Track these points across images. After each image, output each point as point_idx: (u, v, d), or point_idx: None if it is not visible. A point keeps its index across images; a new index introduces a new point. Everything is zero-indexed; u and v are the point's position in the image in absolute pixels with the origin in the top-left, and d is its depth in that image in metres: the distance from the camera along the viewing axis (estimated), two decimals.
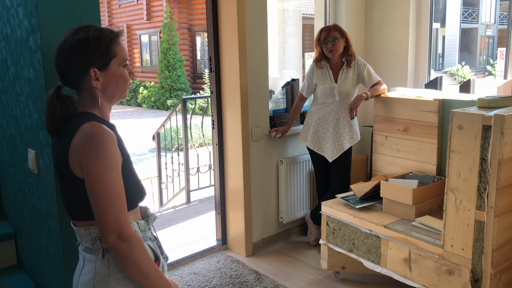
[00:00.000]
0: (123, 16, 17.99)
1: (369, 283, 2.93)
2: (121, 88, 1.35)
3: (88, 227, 1.28)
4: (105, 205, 1.18)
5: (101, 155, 1.19)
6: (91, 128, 1.23)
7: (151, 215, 1.43)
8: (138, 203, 1.38)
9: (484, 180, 2.01)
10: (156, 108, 15.32)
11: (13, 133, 2.27)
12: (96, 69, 1.29)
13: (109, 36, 1.32)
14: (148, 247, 1.35)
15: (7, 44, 2.13)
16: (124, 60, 1.35)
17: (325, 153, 3.17)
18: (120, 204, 1.20)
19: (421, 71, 3.71)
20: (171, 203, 5.07)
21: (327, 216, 2.83)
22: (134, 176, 1.35)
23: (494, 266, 2.05)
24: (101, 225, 1.19)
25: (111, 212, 1.19)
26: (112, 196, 1.19)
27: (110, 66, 1.31)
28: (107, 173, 1.19)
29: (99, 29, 1.32)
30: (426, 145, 2.80)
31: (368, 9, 3.87)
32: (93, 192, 1.19)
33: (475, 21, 20.95)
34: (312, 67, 3.22)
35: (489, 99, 2.15)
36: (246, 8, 3.06)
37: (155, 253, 1.38)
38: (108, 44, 1.30)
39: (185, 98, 4.83)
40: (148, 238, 1.38)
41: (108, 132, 1.24)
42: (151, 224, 1.41)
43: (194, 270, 3.16)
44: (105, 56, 1.30)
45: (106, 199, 1.18)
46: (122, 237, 1.20)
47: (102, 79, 1.31)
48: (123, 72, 1.35)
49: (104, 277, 1.26)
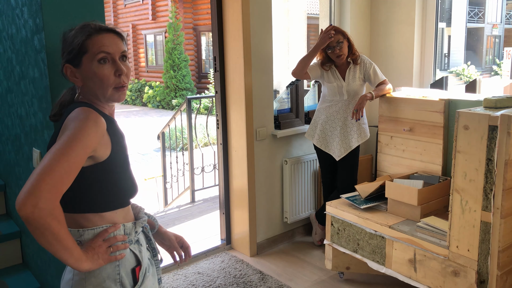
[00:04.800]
0: (128, 16, 18.05)
1: (373, 284, 2.91)
2: (99, 86, 1.26)
3: (70, 229, 1.25)
4: (45, 170, 1.07)
5: (76, 131, 1.15)
6: (81, 110, 1.21)
7: (141, 218, 1.39)
8: (128, 199, 1.35)
9: (490, 180, 1.99)
10: (161, 108, 15.36)
11: (18, 132, 2.28)
12: (70, 65, 1.26)
13: (82, 30, 1.25)
14: (129, 251, 1.31)
15: (12, 43, 2.14)
16: (95, 54, 1.24)
17: (332, 151, 3.15)
18: (60, 179, 1.09)
19: (426, 71, 3.69)
20: (175, 202, 5.08)
21: (332, 216, 2.82)
22: (125, 172, 1.32)
23: (500, 267, 2.03)
24: (27, 187, 1.06)
25: (47, 180, 1.07)
26: (58, 167, 1.09)
27: (83, 62, 1.25)
28: (70, 148, 1.11)
29: (79, 25, 1.27)
30: (431, 145, 2.78)
31: (374, 9, 3.85)
32: (45, 156, 1.12)
33: (481, 20, 20.85)
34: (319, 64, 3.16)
35: (496, 99, 2.13)
36: (251, 8, 3.06)
37: (137, 258, 1.33)
38: (76, 39, 1.24)
39: (190, 98, 4.83)
40: (132, 241, 1.33)
41: (95, 117, 1.19)
42: (138, 227, 1.37)
43: (199, 270, 3.16)
44: (74, 52, 1.25)
45: (50, 166, 1.08)
46: (40, 207, 1.06)
47: (79, 76, 1.27)
48: (97, 69, 1.25)
49: (81, 279, 1.24)
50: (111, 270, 1.27)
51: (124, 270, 1.29)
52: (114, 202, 1.30)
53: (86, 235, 1.25)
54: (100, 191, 1.26)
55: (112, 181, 1.27)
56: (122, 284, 1.28)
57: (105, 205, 1.28)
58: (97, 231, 1.26)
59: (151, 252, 1.45)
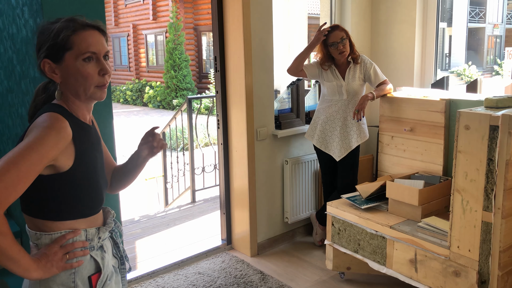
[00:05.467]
0: (129, 16, 18.06)
1: (374, 284, 2.91)
2: (81, 84, 1.21)
3: (29, 230, 1.23)
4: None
5: (35, 139, 1.09)
6: (47, 116, 1.15)
7: (108, 223, 1.34)
8: (92, 211, 1.29)
9: (491, 181, 1.99)
10: (161, 108, 15.37)
11: (19, 132, 2.28)
12: (49, 60, 1.20)
13: (67, 25, 1.19)
14: (90, 258, 1.26)
15: (12, 43, 2.14)
16: (82, 53, 1.19)
17: (332, 152, 3.15)
18: (4, 191, 1.04)
19: (427, 71, 3.68)
20: (176, 202, 5.08)
21: (333, 216, 2.81)
22: (90, 183, 1.27)
23: (501, 267, 2.03)
24: None
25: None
26: (5, 178, 1.04)
27: (65, 58, 1.19)
28: (23, 157, 1.06)
29: (64, 19, 1.21)
30: (432, 145, 2.78)
31: (374, 9, 3.85)
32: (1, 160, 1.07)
33: (482, 20, 20.83)
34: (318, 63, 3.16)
35: (497, 99, 2.13)
36: (252, 8, 3.06)
37: (97, 265, 1.28)
38: (60, 34, 1.18)
39: (190, 98, 4.83)
40: (94, 247, 1.28)
41: (61, 128, 1.14)
42: (103, 233, 1.31)
43: (199, 270, 3.16)
44: (56, 47, 1.19)
45: (2, 171, 1.04)
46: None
47: (59, 72, 1.21)
48: (81, 67, 1.20)
49: (35, 284, 1.21)
50: (66, 277, 1.21)
51: (81, 278, 1.24)
52: (75, 212, 1.24)
53: (43, 239, 1.21)
54: (60, 200, 1.21)
55: (73, 192, 1.22)
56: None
57: (66, 214, 1.23)
58: (54, 236, 1.21)
59: (119, 259, 1.40)
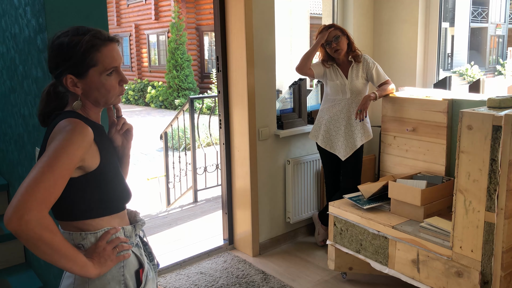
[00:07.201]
0: (131, 16, 18.08)
1: (376, 284, 2.91)
2: (104, 95, 1.28)
3: (71, 233, 1.25)
4: (31, 184, 1.08)
5: (62, 143, 1.15)
6: (68, 121, 1.20)
7: (139, 221, 1.41)
8: (123, 204, 1.35)
9: (494, 181, 1.98)
10: (164, 108, 15.37)
11: (21, 132, 2.28)
12: (72, 76, 1.24)
13: (89, 43, 1.24)
14: (132, 253, 1.32)
15: (15, 43, 2.14)
16: (107, 69, 1.26)
17: (337, 151, 3.14)
18: (46, 192, 1.09)
19: (429, 71, 3.68)
20: (178, 202, 5.08)
21: (335, 216, 2.81)
22: (117, 178, 1.32)
23: (504, 268, 2.02)
24: (14, 202, 1.06)
25: (33, 194, 1.07)
26: (44, 181, 1.09)
27: (89, 74, 1.25)
28: (55, 160, 1.11)
29: (81, 34, 1.24)
30: (435, 146, 2.77)
31: (377, 8, 3.84)
32: (32, 169, 1.12)
33: (484, 20, 20.80)
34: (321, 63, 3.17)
35: (499, 99, 2.12)
36: (254, 7, 3.06)
37: (139, 260, 1.34)
38: (84, 53, 1.23)
39: (192, 98, 4.83)
40: (133, 244, 1.35)
41: (83, 129, 1.19)
42: (138, 229, 1.38)
43: (201, 270, 3.16)
44: (81, 64, 1.24)
45: (36, 180, 1.08)
46: (26, 219, 1.05)
47: (81, 86, 1.26)
48: (106, 81, 1.26)
49: (83, 282, 1.24)
50: (116, 271, 1.27)
51: (129, 272, 1.29)
52: (110, 208, 1.30)
53: (88, 238, 1.25)
54: (95, 199, 1.26)
55: (106, 188, 1.27)
56: (126, 285, 1.28)
57: (102, 211, 1.28)
58: (99, 234, 1.26)
59: (148, 257, 1.45)
